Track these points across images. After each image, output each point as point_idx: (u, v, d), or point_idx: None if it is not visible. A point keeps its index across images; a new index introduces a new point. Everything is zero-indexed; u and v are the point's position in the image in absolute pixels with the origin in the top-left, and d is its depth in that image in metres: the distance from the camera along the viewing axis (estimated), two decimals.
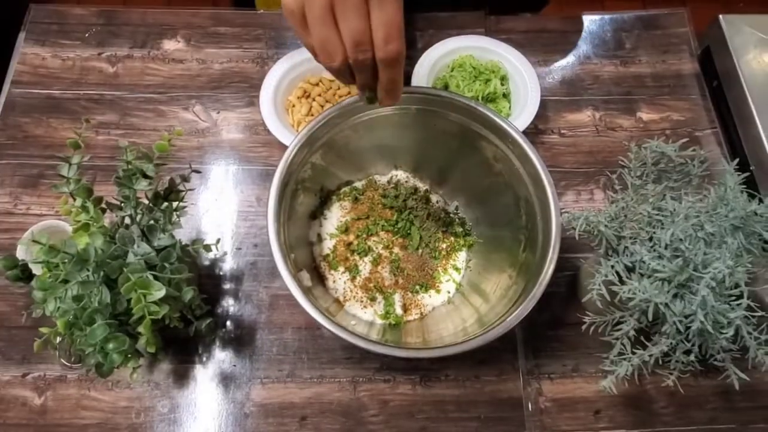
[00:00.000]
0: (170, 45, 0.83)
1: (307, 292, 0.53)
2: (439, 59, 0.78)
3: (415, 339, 0.62)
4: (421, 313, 0.66)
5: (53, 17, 0.84)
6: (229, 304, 0.68)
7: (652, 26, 0.89)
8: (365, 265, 0.67)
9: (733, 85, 0.81)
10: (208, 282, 0.69)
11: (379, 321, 0.64)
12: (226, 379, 0.64)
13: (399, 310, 0.64)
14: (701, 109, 0.83)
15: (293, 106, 0.76)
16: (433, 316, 0.66)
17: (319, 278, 0.67)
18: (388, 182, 0.73)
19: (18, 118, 0.76)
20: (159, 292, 0.50)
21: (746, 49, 0.81)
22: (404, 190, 0.72)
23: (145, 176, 0.54)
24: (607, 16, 0.90)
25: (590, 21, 0.90)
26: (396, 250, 0.69)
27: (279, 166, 0.57)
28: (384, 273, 0.67)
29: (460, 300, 0.66)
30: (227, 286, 0.69)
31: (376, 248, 0.68)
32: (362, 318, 0.64)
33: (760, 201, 0.53)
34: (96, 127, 0.77)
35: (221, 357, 0.65)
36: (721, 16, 0.83)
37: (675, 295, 0.52)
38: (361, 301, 0.65)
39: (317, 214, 0.70)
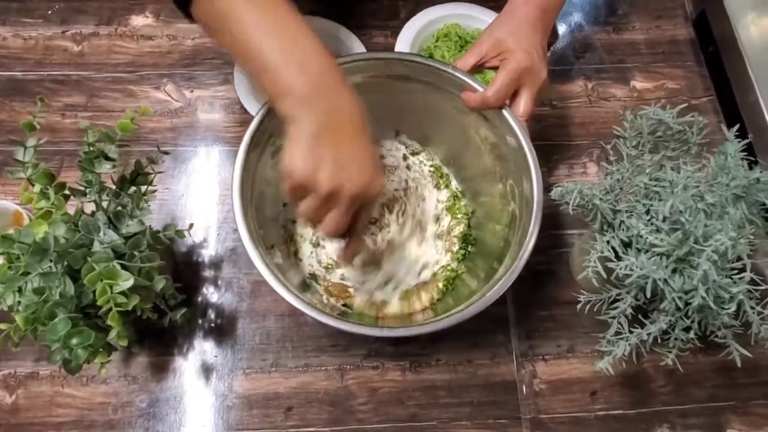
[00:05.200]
0: (138, 21, 0.78)
1: (278, 272, 0.50)
2: (423, 29, 0.74)
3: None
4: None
5: None
6: (208, 292, 0.65)
7: None
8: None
9: (730, 51, 0.77)
10: (186, 270, 0.66)
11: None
12: (207, 371, 0.61)
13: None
14: (697, 76, 0.79)
15: None
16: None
17: (293, 253, 0.64)
18: None
19: None
20: (126, 282, 0.46)
21: (744, 12, 0.77)
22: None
23: (108, 158, 0.51)
24: None
25: None
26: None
27: (245, 134, 0.54)
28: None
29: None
30: (206, 273, 0.66)
31: None
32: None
33: (763, 169, 0.50)
34: (62, 110, 0.72)
35: (201, 348, 0.62)
36: None
37: (674, 271, 0.50)
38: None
39: None
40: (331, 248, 0.64)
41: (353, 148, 0.46)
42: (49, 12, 0.78)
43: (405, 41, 0.73)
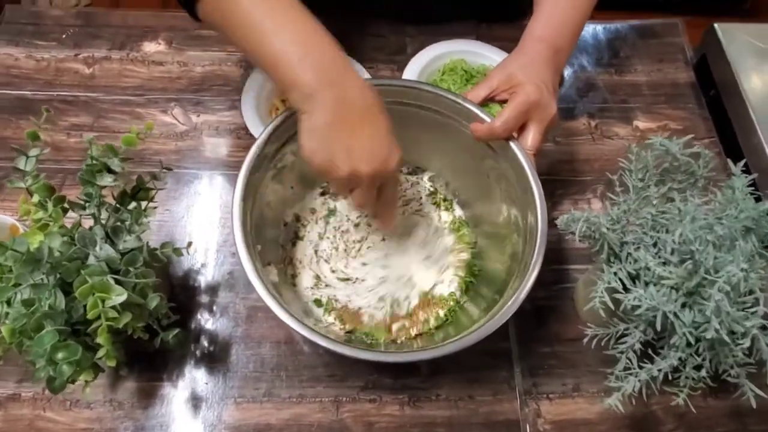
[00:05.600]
0: (151, 47, 0.80)
1: (275, 290, 0.49)
2: (430, 63, 0.76)
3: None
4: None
5: (29, 17, 0.81)
6: (203, 317, 0.63)
7: (647, 35, 0.87)
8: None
9: (732, 95, 0.79)
10: (182, 294, 0.64)
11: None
12: (196, 399, 0.58)
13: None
14: (698, 118, 0.80)
15: (277, 108, 0.73)
16: None
17: (291, 276, 0.63)
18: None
19: None
20: (119, 296, 0.45)
21: (744, 58, 0.79)
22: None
23: (110, 171, 0.50)
24: (600, 26, 0.88)
25: (584, 30, 0.88)
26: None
27: (250, 151, 0.55)
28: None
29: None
30: (202, 297, 0.64)
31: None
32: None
33: None
34: (68, 129, 0.72)
35: (192, 374, 0.60)
36: (716, 25, 0.82)
37: (683, 305, 0.48)
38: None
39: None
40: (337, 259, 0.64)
41: (365, 132, 0.48)
42: (64, 36, 0.80)
43: (412, 75, 0.74)
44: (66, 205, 0.51)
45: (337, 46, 0.48)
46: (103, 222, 0.51)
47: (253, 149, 0.55)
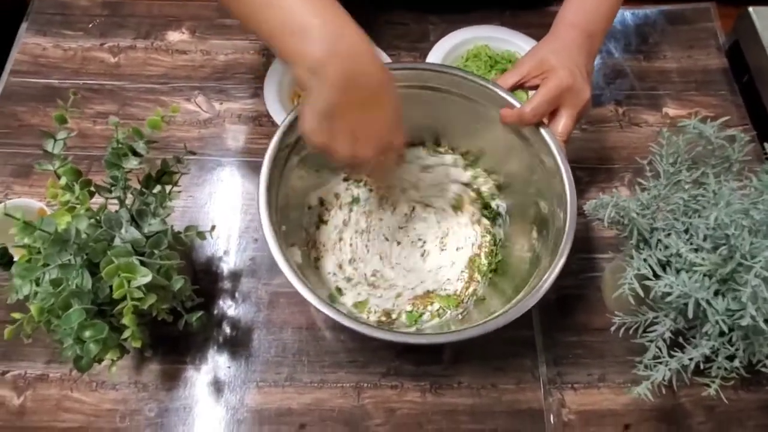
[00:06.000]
0: (175, 36, 0.80)
1: (299, 271, 0.49)
2: (452, 50, 0.75)
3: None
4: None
5: (57, 8, 0.82)
6: (226, 302, 0.63)
7: (677, 21, 0.85)
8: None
9: (766, 80, 0.76)
10: (205, 279, 0.64)
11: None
12: (219, 382, 0.59)
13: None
14: (731, 105, 0.78)
15: (299, 96, 0.73)
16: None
17: (314, 259, 0.63)
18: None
19: (14, 107, 0.74)
20: (144, 277, 0.45)
21: None
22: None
23: (136, 154, 0.50)
24: (629, 11, 0.86)
25: None
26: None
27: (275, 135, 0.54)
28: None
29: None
30: (225, 283, 0.64)
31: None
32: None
33: None
34: (94, 117, 0.73)
35: (215, 358, 0.60)
36: (751, 9, 0.79)
37: (716, 293, 0.47)
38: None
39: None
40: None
41: (372, 114, 0.46)
42: (90, 25, 0.81)
43: (435, 60, 0.73)
44: (92, 188, 0.52)
45: (349, 18, 0.44)
46: (128, 205, 0.52)
47: (277, 136, 0.55)
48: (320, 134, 0.45)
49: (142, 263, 0.47)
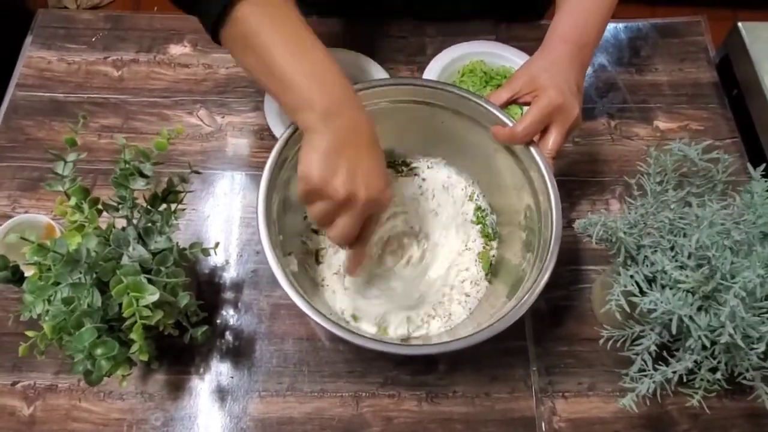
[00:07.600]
0: (177, 50, 0.82)
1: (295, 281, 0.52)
2: (449, 65, 0.76)
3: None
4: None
5: (61, 22, 0.83)
6: (228, 313, 0.65)
7: (668, 34, 0.86)
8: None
9: (754, 94, 0.78)
10: (208, 290, 0.66)
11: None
12: (222, 392, 0.61)
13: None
14: (720, 118, 0.80)
15: None
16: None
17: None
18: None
19: (20, 121, 0.75)
20: (152, 296, 0.47)
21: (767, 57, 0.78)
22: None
23: (143, 175, 0.52)
24: (621, 25, 0.88)
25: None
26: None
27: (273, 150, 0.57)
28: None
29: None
30: (227, 294, 0.66)
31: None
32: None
33: None
34: (98, 131, 0.75)
35: (218, 368, 0.62)
36: (740, 24, 0.81)
37: (699, 308, 0.49)
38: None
39: None
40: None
41: (367, 160, 0.49)
42: (93, 39, 0.82)
43: (432, 76, 0.75)
44: (100, 207, 0.54)
45: (349, 82, 0.50)
46: (135, 223, 0.54)
47: (275, 150, 0.57)
48: (322, 170, 0.47)
49: (150, 281, 0.49)
